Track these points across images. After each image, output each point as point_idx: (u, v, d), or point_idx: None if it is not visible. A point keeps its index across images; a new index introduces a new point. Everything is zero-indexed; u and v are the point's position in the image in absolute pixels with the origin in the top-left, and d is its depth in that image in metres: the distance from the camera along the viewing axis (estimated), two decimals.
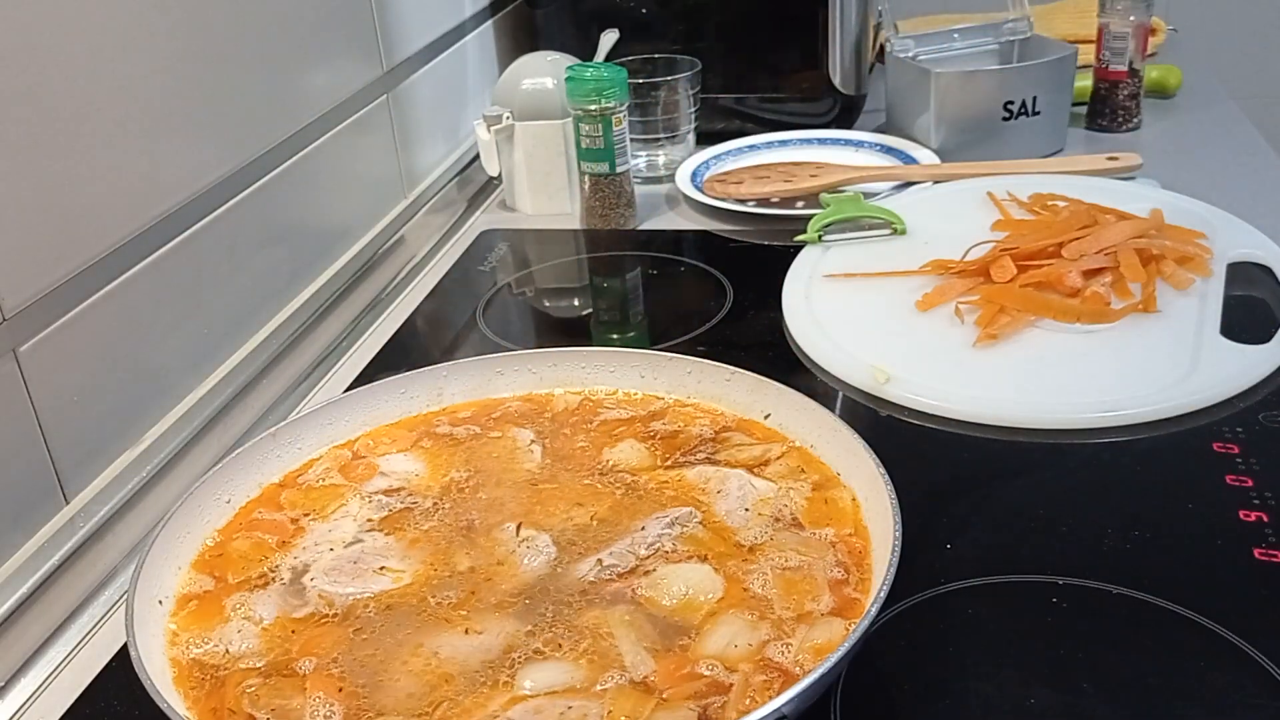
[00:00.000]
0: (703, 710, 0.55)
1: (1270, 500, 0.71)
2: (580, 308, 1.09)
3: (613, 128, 1.14)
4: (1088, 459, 0.78)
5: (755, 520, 0.67)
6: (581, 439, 0.76)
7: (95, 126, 0.76)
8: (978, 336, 0.89)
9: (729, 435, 0.75)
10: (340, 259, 1.09)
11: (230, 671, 0.59)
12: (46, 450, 0.72)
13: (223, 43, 0.89)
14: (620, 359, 0.81)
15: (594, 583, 0.63)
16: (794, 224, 1.11)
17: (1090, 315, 0.90)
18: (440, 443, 0.77)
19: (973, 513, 0.73)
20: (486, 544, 0.67)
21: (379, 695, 0.57)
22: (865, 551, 0.64)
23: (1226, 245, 0.98)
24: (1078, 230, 0.98)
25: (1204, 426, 0.79)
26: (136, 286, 0.79)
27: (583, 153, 1.16)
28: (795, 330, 0.94)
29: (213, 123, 0.89)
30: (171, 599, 0.64)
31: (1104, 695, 0.59)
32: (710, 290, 1.04)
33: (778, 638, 0.59)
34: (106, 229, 0.77)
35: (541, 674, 0.57)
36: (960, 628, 0.64)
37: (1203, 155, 1.25)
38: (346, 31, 1.09)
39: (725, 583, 0.62)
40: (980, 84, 1.24)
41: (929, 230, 1.07)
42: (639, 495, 0.70)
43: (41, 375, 0.71)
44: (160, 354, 0.83)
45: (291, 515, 0.71)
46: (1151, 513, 0.72)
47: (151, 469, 0.79)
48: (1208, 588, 0.65)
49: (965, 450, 0.80)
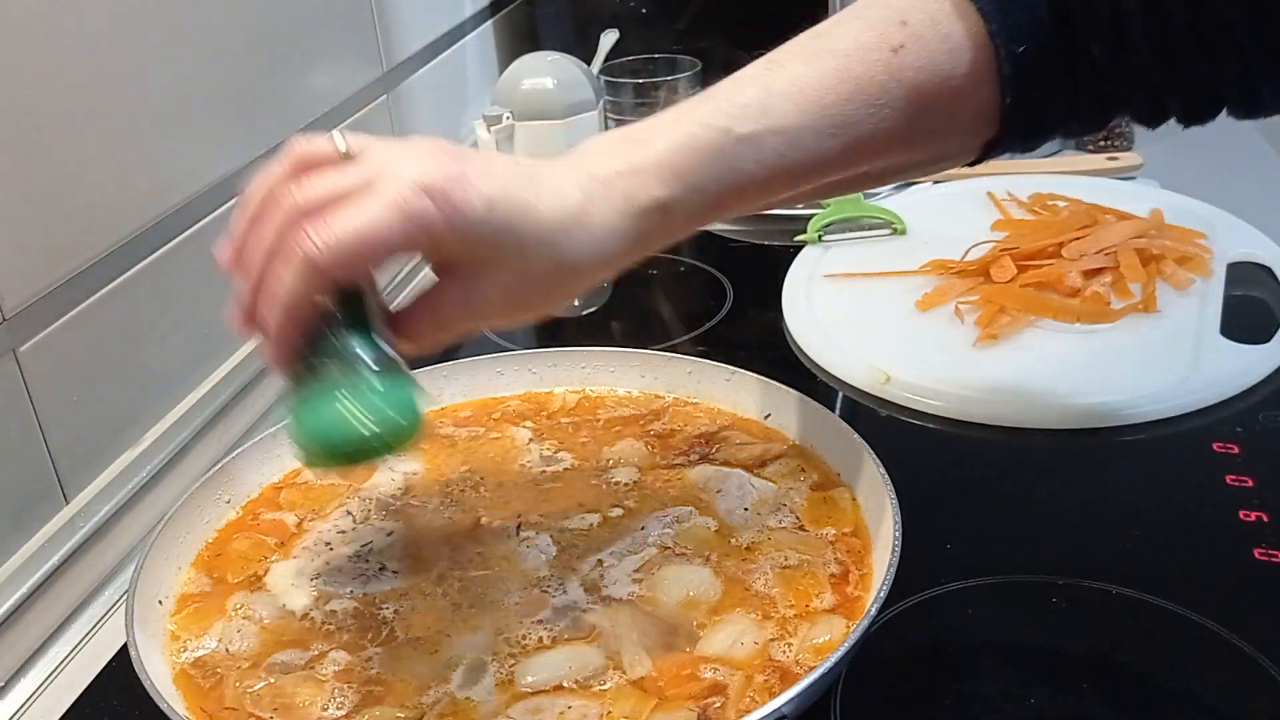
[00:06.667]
0: (703, 710, 0.55)
1: (1270, 500, 0.71)
2: (580, 308, 1.09)
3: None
4: (1088, 459, 0.78)
5: (755, 520, 0.67)
6: (582, 438, 0.76)
7: (95, 127, 0.76)
8: (978, 336, 0.89)
9: (729, 435, 0.75)
10: None
11: (230, 671, 0.59)
12: (46, 450, 0.72)
13: (223, 43, 0.89)
14: (620, 359, 0.81)
15: (594, 582, 0.63)
16: (794, 224, 1.11)
17: (1090, 315, 0.90)
18: (440, 442, 0.77)
19: (973, 513, 0.73)
20: (486, 543, 0.67)
21: (379, 694, 0.57)
22: (865, 551, 0.64)
23: (1226, 245, 0.98)
24: (1078, 230, 0.98)
25: (1204, 426, 0.79)
26: (136, 286, 0.79)
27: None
28: (795, 330, 0.94)
29: (213, 123, 0.89)
30: (171, 599, 0.64)
31: (1104, 695, 0.59)
32: (710, 290, 1.04)
33: (781, 636, 0.59)
34: (106, 229, 0.77)
35: (541, 673, 0.57)
36: (960, 628, 0.64)
37: (1203, 155, 1.25)
38: (346, 31, 1.09)
39: (725, 582, 0.63)
40: None
41: (929, 230, 1.07)
42: (639, 495, 0.70)
43: (41, 375, 0.71)
44: (160, 354, 0.83)
45: (291, 515, 0.71)
46: (1151, 513, 0.72)
47: (151, 469, 0.79)
48: (1208, 588, 0.65)
49: (965, 450, 0.80)
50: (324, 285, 0.50)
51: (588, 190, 0.53)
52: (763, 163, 0.56)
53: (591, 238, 0.53)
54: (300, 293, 0.49)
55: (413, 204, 0.49)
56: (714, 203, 0.56)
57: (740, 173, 0.56)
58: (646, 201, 0.54)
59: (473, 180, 0.50)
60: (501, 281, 0.53)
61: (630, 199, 0.54)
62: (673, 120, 0.56)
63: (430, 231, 0.50)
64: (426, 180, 0.49)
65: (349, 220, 0.49)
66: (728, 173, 0.55)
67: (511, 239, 0.52)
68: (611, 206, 0.54)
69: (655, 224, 0.55)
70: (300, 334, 0.51)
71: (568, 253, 0.53)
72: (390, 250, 0.50)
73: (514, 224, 0.51)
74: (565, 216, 0.53)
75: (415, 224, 0.49)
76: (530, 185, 0.52)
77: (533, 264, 0.53)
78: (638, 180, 0.54)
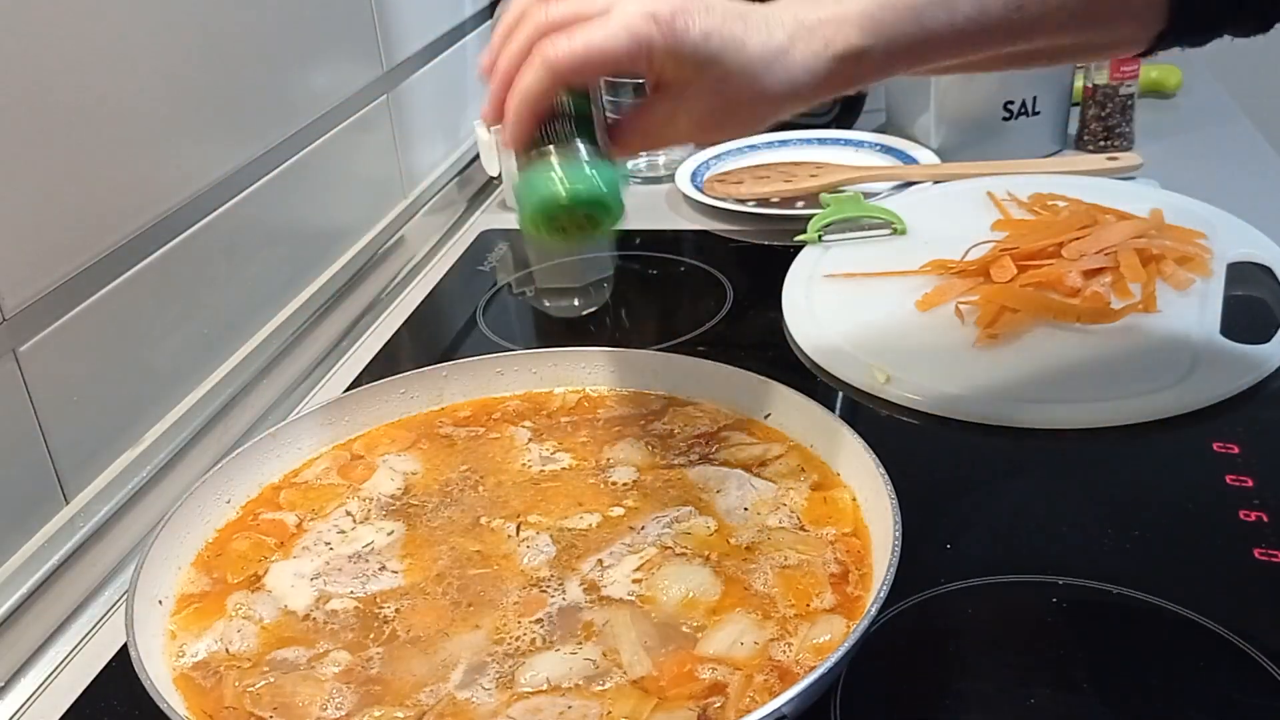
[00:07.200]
0: (702, 710, 0.55)
1: (1270, 500, 0.71)
2: (580, 308, 1.09)
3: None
4: (1088, 459, 0.78)
5: (755, 520, 0.67)
6: (581, 438, 0.76)
7: (95, 127, 0.76)
8: (978, 336, 0.89)
9: (729, 435, 0.75)
10: (340, 259, 1.09)
11: (230, 671, 0.59)
12: (46, 450, 0.72)
13: (223, 43, 0.89)
14: (620, 359, 0.81)
15: (593, 582, 0.63)
16: (794, 224, 1.11)
17: (1090, 315, 0.90)
18: (439, 442, 0.77)
19: (973, 513, 0.73)
20: (486, 543, 0.67)
21: (379, 693, 0.57)
22: (865, 551, 0.64)
23: (1226, 245, 0.98)
24: (1078, 230, 0.98)
25: (1204, 426, 0.79)
26: (136, 286, 0.79)
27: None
28: (795, 330, 0.94)
29: (213, 123, 0.89)
30: (171, 599, 0.64)
31: (1104, 695, 0.59)
32: (710, 290, 1.04)
33: (781, 636, 0.59)
34: (106, 229, 0.77)
35: (541, 673, 0.57)
36: (960, 628, 0.64)
37: (1203, 155, 1.25)
38: (346, 31, 1.09)
39: (725, 582, 0.63)
40: (980, 84, 1.24)
41: (929, 230, 1.07)
42: (639, 495, 0.70)
43: (41, 375, 0.71)
44: (160, 354, 0.83)
45: (291, 515, 0.71)
46: (1151, 513, 0.72)
47: (151, 469, 0.79)
48: (1208, 588, 0.65)
49: (965, 450, 0.80)
50: (559, 86, 0.59)
51: (793, 32, 0.61)
52: (954, 24, 0.62)
53: (789, 74, 0.61)
54: (539, 89, 0.59)
55: (640, 28, 0.58)
56: (904, 56, 0.63)
57: (931, 31, 0.62)
58: (843, 47, 0.61)
59: (693, 13, 0.59)
60: (704, 102, 0.61)
61: (830, 43, 0.61)
62: None
63: (652, 53, 0.58)
64: (654, 9, 0.58)
65: (587, 35, 0.58)
66: (920, 30, 0.62)
67: (719, 67, 0.59)
68: (811, 49, 0.61)
69: (848, 68, 0.62)
70: (536, 123, 0.60)
71: (766, 84, 0.60)
72: (618, 64, 0.58)
73: (724, 54, 0.59)
74: (768, 54, 0.60)
75: (640, 45, 0.58)
76: (741, 22, 0.60)
77: (734, 90, 0.61)
78: (838, 28, 0.61)
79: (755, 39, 0.60)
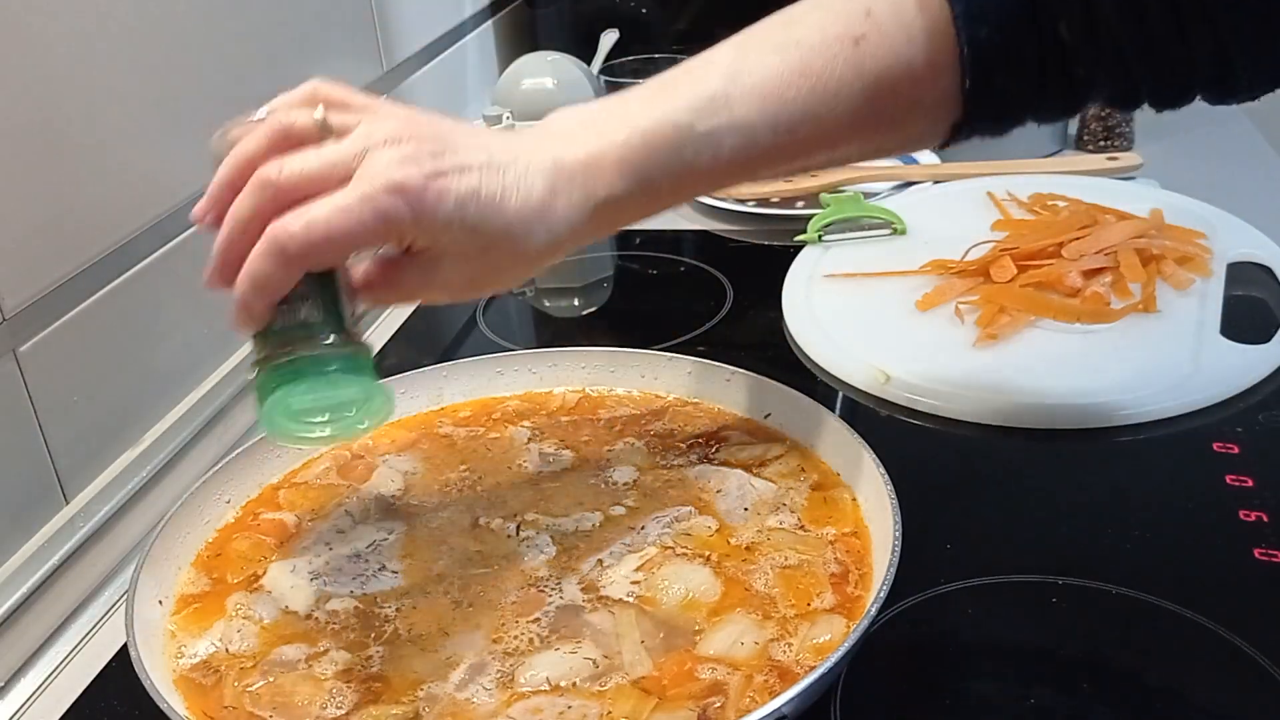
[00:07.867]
0: (703, 710, 0.55)
1: (1270, 500, 0.71)
2: (580, 308, 1.09)
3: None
4: (1088, 459, 0.78)
5: (755, 520, 0.67)
6: (581, 438, 0.76)
7: (95, 127, 0.76)
8: (978, 336, 0.89)
9: (729, 435, 0.75)
10: None
11: (230, 670, 0.59)
12: (46, 450, 0.72)
13: (223, 42, 0.89)
14: (620, 359, 0.81)
15: (593, 582, 0.63)
16: (794, 224, 1.11)
17: (1090, 315, 0.90)
18: (439, 442, 0.77)
19: (973, 513, 0.73)
20: (486, 543, 0.67)
21: (378, 693, 0.57)
22: (865, 551, 0.64)
23: (1226, 245, 0.98)
24: (1078, 230, 0.98)
25: (1204, 426, 0.79)
26: (136, 286, 0.79)
27: None
28: (795, 330, 0.94)
29: (213, 123, 0.88)
30: (171, 599, 0.64)
31: (1104, 695, 0.59)
32: (710, 290, 1.04)
33: (781, 636, 0.59)
34: (106, 229, 0.77)
35: (541, 672, 0.57)
36: (960, 628, 0.64)
37: (1203, 155, 1.25)
38: (346, 31, 1.09)
39: (725, 582, 0.63)
40: None
41: (929, 230, 1.07)
42: (639, 495, 0.70)
43: (41, 375, 0.71)
44: (160, 354, 0.83)
45: (291, 515, 0.71)
46: (1151, 513, 0.72)
47: (151, 469, 0.79)
48: (1208, 588, 0.65)
49: (965, 450, 0.80)
50: (295, 272, 0.53)
51: (552, 182, 0.56)
52: (718, 158, 0.59)
53: (551, 232, 0.57)
54: (274, 278, 0.53)
55: (386, 206, 0.52)
56: (668, 195, 0.60)
57: (694, 167, 0.58)
58: (604, 195, 0.57)
59: (448, 177, 0.53)
60: (461, 269, 0.57)
61: (590, 194, 0.57)
62: (639, 106, 0.58)
63: (401, 229, 0.53)
64: (400, 180, 0.52)
65: (327, 216, 0.51)
66: (683, 166, 0.58)
67: (478, 237, 0.55)
68: (571, 201, 0.57)
69: (610, 214, 0.58)
70: (268, 309, 0.54)
71: (528, 246, 0.57)
72: (360, 244, 0.53)
73: (483, 223, 0.55)
74: (529, 212, 0.56)
75: (388, 223, 0.52)
76: (499, 176, 0.55)
77: (494, 256, 0.57)
78: (598, 174, 0.57)
79: (514, 198, 0.55)
